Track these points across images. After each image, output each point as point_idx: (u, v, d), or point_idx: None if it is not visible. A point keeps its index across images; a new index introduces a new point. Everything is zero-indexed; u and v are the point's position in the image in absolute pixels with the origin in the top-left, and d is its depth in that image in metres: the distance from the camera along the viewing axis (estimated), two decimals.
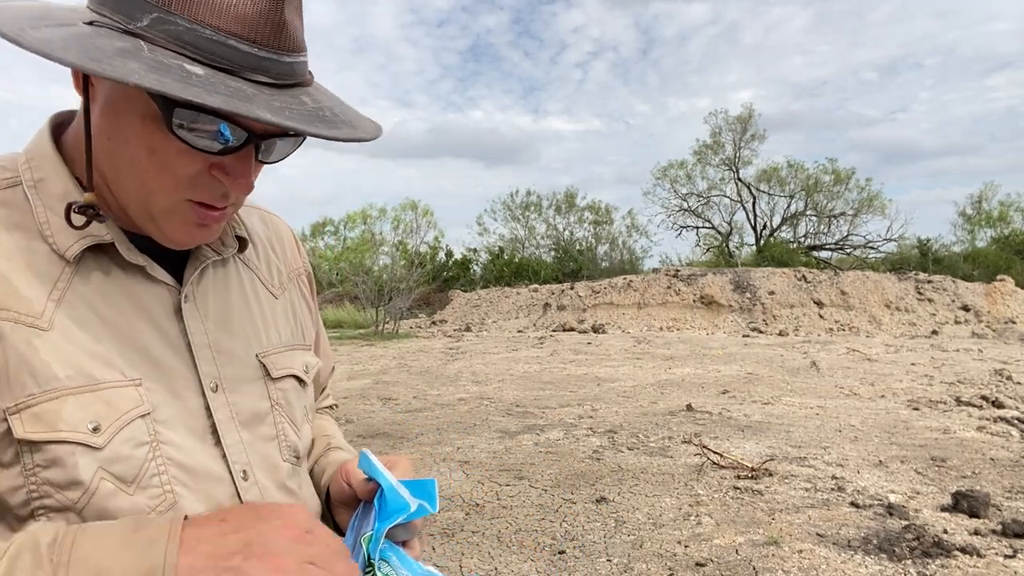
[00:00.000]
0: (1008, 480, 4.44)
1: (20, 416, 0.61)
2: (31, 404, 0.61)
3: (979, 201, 33.96)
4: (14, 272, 0.64)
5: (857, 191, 30.60)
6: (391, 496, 0.73)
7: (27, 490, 0.61)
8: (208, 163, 0.66)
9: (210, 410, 0.72)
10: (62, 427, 0.62)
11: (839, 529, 3.60)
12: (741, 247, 32.47)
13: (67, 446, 0.61)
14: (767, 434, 5.82)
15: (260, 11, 0.60)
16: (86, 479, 0.62)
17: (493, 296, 22.05)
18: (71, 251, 0.67)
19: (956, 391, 7.76)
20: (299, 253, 0.97)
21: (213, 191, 0.67)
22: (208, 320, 0.75)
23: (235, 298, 0.80)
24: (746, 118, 31.92)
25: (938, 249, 29.50)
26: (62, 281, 0.66)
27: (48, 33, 0.56)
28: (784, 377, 9.16)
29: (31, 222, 0.67)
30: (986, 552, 3.24)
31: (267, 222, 0.94)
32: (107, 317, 0.68)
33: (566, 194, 33.56)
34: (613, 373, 9.83)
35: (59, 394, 0.62)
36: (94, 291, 0.68)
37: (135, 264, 0.70)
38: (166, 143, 0.63)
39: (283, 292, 0.89)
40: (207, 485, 0.69)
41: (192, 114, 0.61)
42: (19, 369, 0.62)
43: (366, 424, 6.46)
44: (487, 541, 3.55)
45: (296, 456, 0.81)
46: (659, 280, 19.23)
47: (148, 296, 0.71)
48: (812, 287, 18.27)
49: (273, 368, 0.80)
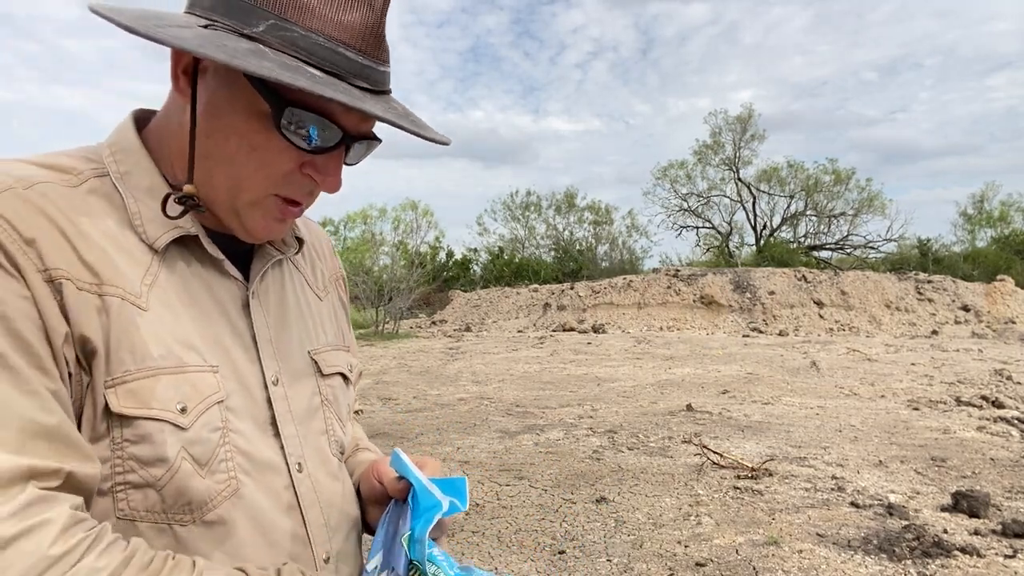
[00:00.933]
0: (1008, 480, 4.44)
1: (116, 391, 0.63)
2: (127, 380, 0.63)
3: (981, 201, 33.97)
4: (115, 253, 0.67)
5: (857, 191, 30.62)
6: (422, 495, 0.74)
7: (112, 464, 0.63)
8: (301, 161, 0.70)
9: (271, 402, 0.75)
10: (155, 404, 0.64)
11: (839, 529, 3.59)
12: (741, 247, 32.48)
13: (157, 423, 0.64)
14: (767, 434, 5.82)
15: (366, 24, 0.66)
16: (171, 457, 0.64)
17: (493, 296, 22.05)
18: (160, 241, 0.70)
19: (956, 391, 7.76)
20: (336, 258, 1.02)
21: (302, 188, 0.72)
22: (269, 316, 0.79)
23: (290, 297, 0.84)
24: (746, 118, 31.94)
25: (938, 249, 29.51)
26: (152, 268, 0.69)
27: (176, 32, 0.61)
28: (784, 377, 9.16)
29: (121, 212, 0.70)
30: (986, 552, 3.24)
31: (310, 228, 0.98)
32: (189, 306, 0.71)
33: (566, 194, 33.59)
34: (613, 373, 9.83)
35: (153, 372, 0.65)
36: (178, 280, 0.71)
37: (213, 259, 0.74)
38: (268, 141, 0.68)
39: (326, 295, 0.93)
40: (266, 475, 0.72)
41: (299, 113, 0.66)
42: (119, 345, 0.64)
43: (366, 424, 6.46)
44: (487, 541, 3.55)
45: (341, 452, 0.85)
46: (659, 280, 19.23)
47: (222, 290, 0.74)
48: (812, 287, 18.27)
49: (324, 365, 0.84)
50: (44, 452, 0.57)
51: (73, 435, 0.60)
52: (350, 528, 0.82)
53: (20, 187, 0.64)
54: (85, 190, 0.69)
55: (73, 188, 0.68)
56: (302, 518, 0.74)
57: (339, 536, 0.79)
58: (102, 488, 0.63)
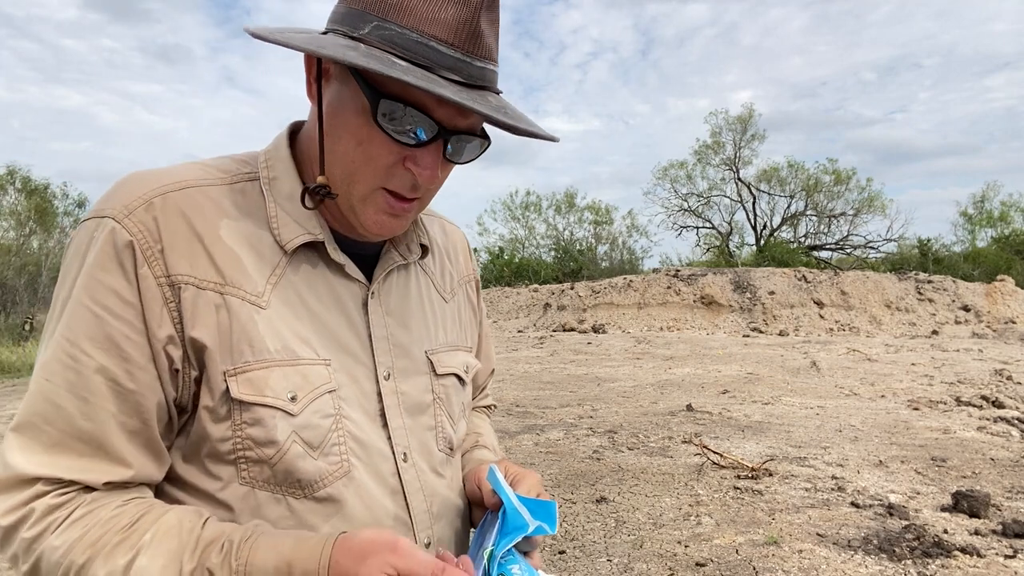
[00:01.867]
0: (1008, 480, 4.43)
1: (236, 379, 0.71)
2: (246, 370, 0.72)
3: (981, 201, 33.94)
4: (245, 254, 0.75)
5: (857, 191, 30.59)
6: (512, 514, 0.78)
7: (233, 441, 0.72)
8: (403, 156, 0.74)
9: (381, 395, 0.81)
10: (268, 393, 0.72)
11: (839, 529, 3.59)
12: (741, 247, 32.47)
13: (269, 410, 0.72)
14: (767, 434, 5.82)
15: (460, 19, 0.69)
16: (281, 440, 0.72)
17: (493, 296, 22.04)
18: (291, 244, 0.77)
19: (956, 391, 7.76)
20: (471, 260, 1.07)
21: (404, 181, 0.75)
22: (388, 316, 0.85)
23: (413, 299, 0.89)
24: (746, 118, 31.91)
25: (938, 249, 29.49)
26: (280, 268, 0.77)
27: (291, 36, 0.70)
28: (784, 377, 9.15)
29: (262, 214, 0.78)
30: (986, 552, 3.23)
31: (446, 231, 1.04)
32: (309, 304, 0.78)
33: (566, 194, 33.55)
34: (613, 373, 9.83)
35: (268, 364, 0.73)
36: (302, 280, 0.78)
37: (337, 262, 0.80)
38: (372, 135, 0.72)
39: (453, 297, 0.98)
40: (375, 460, 0.79)
41: (394, 106, 0.70)
42: (240, 339, 0.72)
43: None
44: None
45: (450, 448, 0.89)
46: (659, 280, 19.22)
47: (343, 290, 0.81)
48: (812, 287, 18.26)
49: (439, 365, 0.89)
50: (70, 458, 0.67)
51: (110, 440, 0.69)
52: (454, 517, 0.88)
53: (174, 189, 0.74)
54: (236, 191, 0.78)
55: (225, 187, 0.77)
56: (405, 503, 0.81)
57: (441, 523, 0.85)
58: (227, 457, 0.72)
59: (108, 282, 0.69)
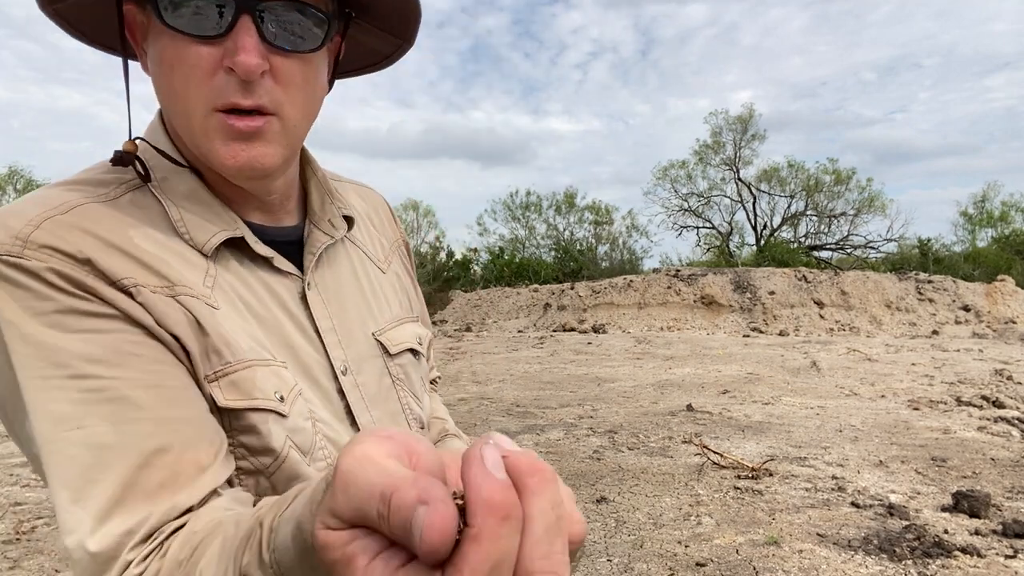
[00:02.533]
0: (1008, 480, 4.43)
1: (219, 384, 0.64)
2: (228, 372, 0.64)
3: (982, 200, 33.93)
4: (171, 259, 0.66)
5: (858, 191, 30.59)
6: None
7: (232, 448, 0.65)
8: (215, 59, 0.64)
9: (343, 392, 0.75)
10: (257, 395, 0.65)
11: (839, 529, 3.59)
12: (741, 247, 32.47)
13: (261, 414, 0.65)
14: (767, 434, 5.82)
15: None
16: (278, 447, 0.66)
17: (493, 296, 22.04)
18: (209, 245, 0.69)
19: (956, 391, 7.76)
20: (396, 223, 0.99)
21: (229, 86, 0.64)
22: (329, 305, 0.78)
23: (347, 279, 0.82)
24: (747, 118, 31.91)
25: (938, 249, 29.48)
26: (209, 271, 0.69)
27: None
28: (784, 377, 9.15)
29: (165, 220, 0.69)
30: (986, 552, 3.23)
31: (363, 196, 0.96)
32: (251, 304, 0.70)
33: (566, 194, 33.53)
34: (613, 373, 9.83)
35: (250, 364, 0.66)
36: (236, 281, 0.70)
37: (262, 256, 0.73)
38: (177, 51, 0.63)
39: (389, 266, 0.91)
40: None
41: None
42: (214, 338, 0.64)
43: None
44: None
45: (421, 426, 0.85)
46: (659, 280, 19.22)
47: (278, 286, 0.74)
48: (812, 287, 18.26)
49: (390, 344, 0.83)
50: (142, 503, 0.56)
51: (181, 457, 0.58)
52: None
53: (58, 213, 0.63)
54: (126, 203, 0.68)
55: (112, 202, 0.67)
56: None
57: None
58: None
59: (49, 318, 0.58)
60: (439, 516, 0.30)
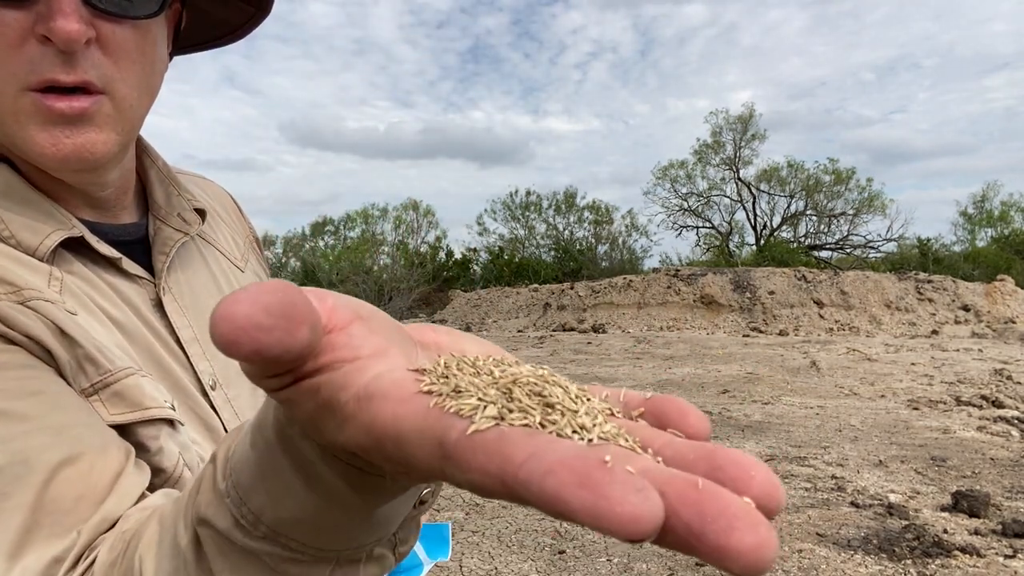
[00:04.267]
0: (1008, 480, 4.44)
1: (99, 397, 0.52)
2: (109, 382, 0.53)
3: (981, 200, 33.94)
4: (11, 265, 0.54)
5: (857, 191, 30.59)
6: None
7: None
8: (30, 26, 0.52)
9: (215, 409, 0.65)
10: (149, 403, 0.54)
11: (839, 529, 3.60)
12: (741, 247, 32.48)
13: (154, 426, 0.54)
14: (767, 434, 5.82)
15: None
16: (170, 466, 0.55)
17: (493, 296, 22.05)
18: (43, 248, 0.57)
19: (956, 391, 7.76)
20: (244, 218, 0.89)
21: (46, 60, 0.52)
22: (188, 311, 0.67)
23: (204, 281, 0.72)
24: (747, 118, 31.92)
25: (938, 249, 29.49)
26: (52, 275, 0.56)
27: None
28: (784, 377, 9.16)
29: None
30: (986, 552, 3.24)
31: (203, 188, 0.83)
32: (105, 309, 0.59)
33: (566, 194, 33.52)
34: (613, 373, 9.83)
35: (131, 371, 0.55)
36: (84, 286, 0.59)
37: (107, 256, 0.62)
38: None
39: (246, 264, 0.81)
40: None
41: None
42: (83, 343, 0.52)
43: None
44: (487, 541, 3.55)
45: None
46: (659, 280, 19.23)
47: (129, 291, 0.63)
48: (812, 287, 18.27)
49: None
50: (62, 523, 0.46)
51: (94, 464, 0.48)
52: None
53: None
54: None
55: None
56: None
57: None
58: None
59: None
60: None
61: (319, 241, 33.41)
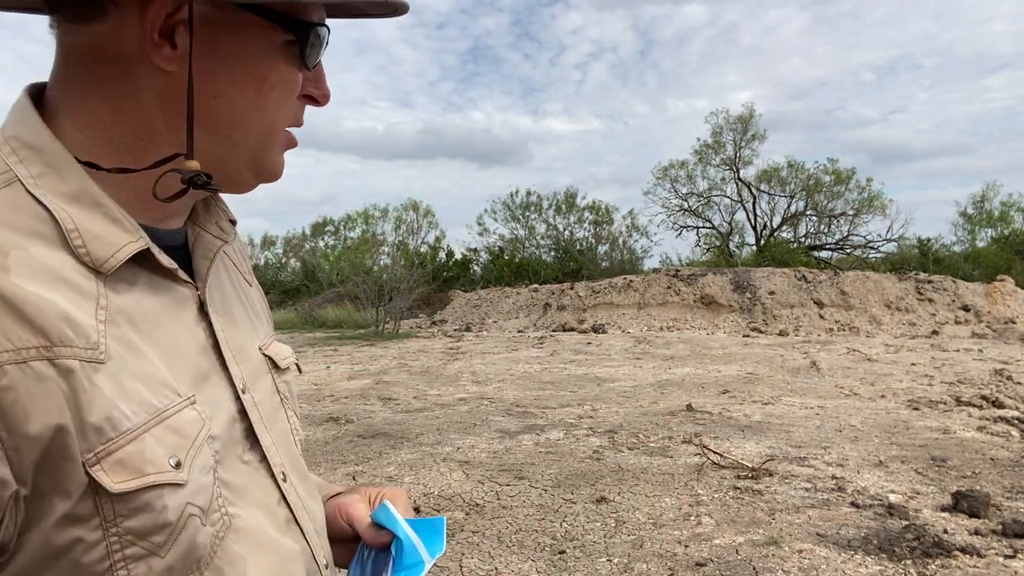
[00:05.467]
0: (1008, 480, 4.44)
1: (102, 466, 0.52)
2: (112, 450, 0.52)
3: (981, 201, 33.94)
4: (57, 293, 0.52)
5: (857, 191, 30.58)
6: (409, 550, 0.75)
7: (106, 544, 0.52)
8: (302, 82, 0.67)
9: (245, 413, 0.66)
10: (149, 470, 0.54)
11: (839, 529, 3.60)
12: (741, 247, 32.45)
13: (156, 490, 0.54)
14: (767, 434, 5.82)
15: None
16: (173, 519, 0.55)
17: (493, 296, 22.04)
18: (111, 262, 0.56)
19: (956, 391, 7.76)
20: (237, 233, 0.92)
21: (299, 110, 0.69)
22: (222, 316, 0.69)
23: (230, 289, 0.74)
24: (747, 118, 31.89)
25: (938, 249, 29.48)
26: (101, 298, 0.55)
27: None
28: (784, 377, 9.16)
29: (47, 228, 0.55)
30: (986, 552, 3.24)
31: None
32: (148, 332, 0.59)
33: (566, 194, 33.47)
34: (613, 373, 9.83)
35: (136, 434, 0.54)
36: (131, 306, 0.58)
37: (166, 267, 0.62)
38: (283, 73, 0.64)
39: (253, 279, 0.83)
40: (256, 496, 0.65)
41: (320, 31, 0.64)
42: (93, 412, 0.52)
43: (366, 424, 6.46)
44: (487, 541, 3.55)
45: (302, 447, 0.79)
46: (659, 280, 19.22)
47: (177, 299, 0.64)
48: (812, 287, 18.26)
49: (278, 359, 0.76)
50: None
51: None
52: (323, 528, 0.76)
53: None
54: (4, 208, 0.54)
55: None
56: (299, 529, 0.68)
57: (323, 538, 0.74)
58: (99, 569, 0.52)
59: None
60: None
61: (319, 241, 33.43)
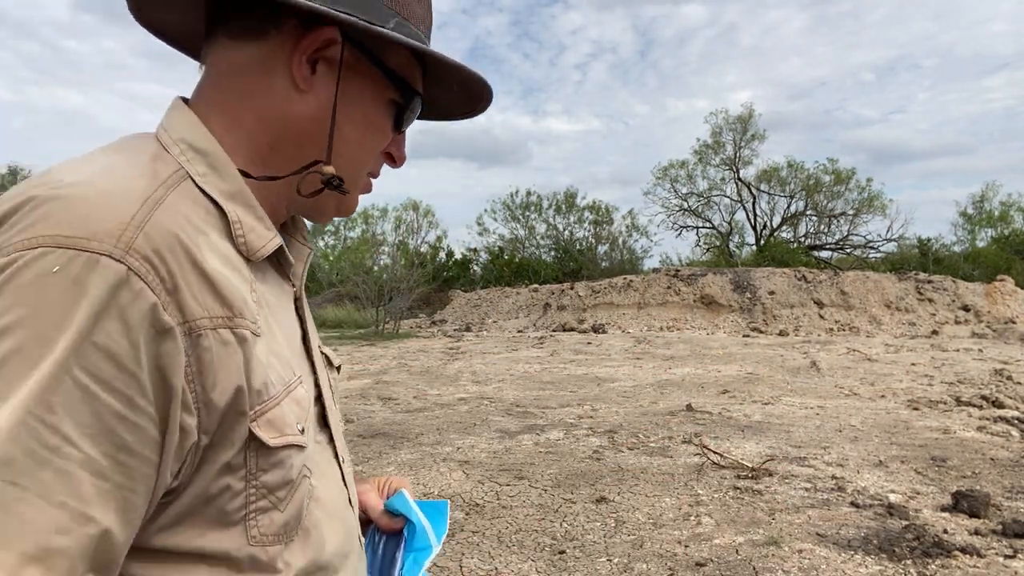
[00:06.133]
0: (1008, 480, 4.44)
1: (258, 423, 0.61)
2: (264, 411, 0.61)
3: (981, 201, 33.94)
4: (230, 274, 0.61)
5: (857, 191, 30.58)
6: (420, 534, 0.81)
7: (245, 495, 0.61)
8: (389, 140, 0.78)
9: (320, 399, 0.75)
10: (288, 431, 0.63)
11: (839, 529, 3.59)
12: (741, 247, 32.46)
13: (289, 450, 0.64)
14: (767, 434, 5.82)
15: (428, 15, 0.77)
16: (294, 477, 0.65)
17: (493, 296, 22.04)
18: (262, 252, 0.67)
19: (956, 391, 7.76)
20: None
21: (379, 163, 0.79)
22: (306, 312, 0.79)
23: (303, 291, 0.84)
24: (747, 118, 31.90)
25: (938, 249, 29.48)
26: (254, 282, 0.65)
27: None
28: (784, 377, 9.15)
29: (216, 221, 0.63)
30: (986, 552, 3.24)
31: None
32: (277, 316, 0.69)
33: (566, 194, 33.47)
34: (613, 373, 9.83)
35: (279, 399, 0.64)
36: (266, 291, 0.68)
37: (285, 263, 0.73)
38: (384, 125, 0.75)
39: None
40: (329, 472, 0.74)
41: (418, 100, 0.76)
42: (258, 378, 0.61)
43: (366, 424, 6.46)
44: (487, 541, 3.55)
45: None
46: (659, 280, 19.22)
47: (286, 292, 0.74)
48: (812, 287, 18.26)
49: (333, 358, 0.86)
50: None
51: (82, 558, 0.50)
52: None
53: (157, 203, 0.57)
54: (183, 197, 0.61)
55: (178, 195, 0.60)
56: (352, 508, 0.77)
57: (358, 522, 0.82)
58: (234, 517, 0.60)
59: (110, 346, 0.51)
60: None
61: (319, 241, 33.41)
